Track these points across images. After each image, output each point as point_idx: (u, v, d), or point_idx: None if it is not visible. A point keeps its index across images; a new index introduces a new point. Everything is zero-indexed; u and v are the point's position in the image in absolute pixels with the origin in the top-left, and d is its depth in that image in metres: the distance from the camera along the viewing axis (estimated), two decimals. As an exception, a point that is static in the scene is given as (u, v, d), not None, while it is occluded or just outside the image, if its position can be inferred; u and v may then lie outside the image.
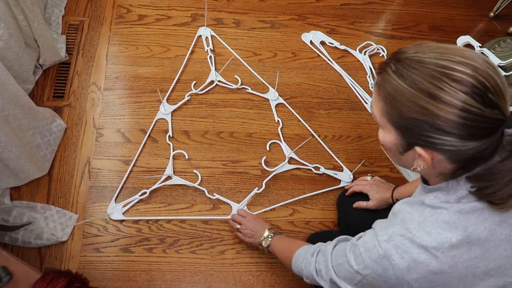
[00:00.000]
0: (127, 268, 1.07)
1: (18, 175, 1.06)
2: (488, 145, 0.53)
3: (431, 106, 0.52)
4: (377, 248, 0.61)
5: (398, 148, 0.60)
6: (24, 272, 0.85)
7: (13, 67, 1.12)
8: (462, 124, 0.51)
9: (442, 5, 1.69)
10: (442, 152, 0.55)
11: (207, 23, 1.49)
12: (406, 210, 0.63)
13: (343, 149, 1.31)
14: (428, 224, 0.58)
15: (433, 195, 0.61)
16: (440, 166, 0.58)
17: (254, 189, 1.20)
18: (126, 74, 1.35)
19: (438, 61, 0.52)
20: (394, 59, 0.57)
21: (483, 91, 0.50)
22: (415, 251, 0.57)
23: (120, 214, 1.12)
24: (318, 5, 1.60)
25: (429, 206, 0.60)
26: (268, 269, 1.11)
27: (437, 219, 0.58)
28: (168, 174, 1.17)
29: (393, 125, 0.58)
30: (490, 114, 0.50)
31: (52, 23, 1.39)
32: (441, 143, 0.53)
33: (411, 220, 0.60)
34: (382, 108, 0.59)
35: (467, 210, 0.57)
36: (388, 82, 0.56)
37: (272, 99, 1.35)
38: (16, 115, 1.03)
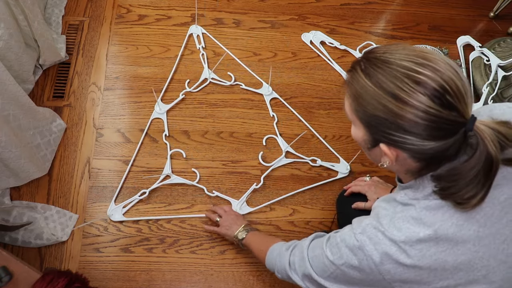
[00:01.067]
0: (127, 268, 1.07)
1: (18, 175, 1.06)
2: (448, 145, 0.55)
3: (393, 105, 0.54)
4: (352, 239, 0.63)
5: (367, 144, 0.64)
6: (24, 272, 0.85)
7: (13, 67, 1.12)
8: (421, 125, 0.53)
9: (442, 5, 1.69)
10: (405, 150, 0.58)
11: (206, 23, 1.49)
12: (382, 206, 0.66)
13: (343, 149, 1.31)
14: (398, 220, 0.61)
15: (403, 192, 0.64)
16: (405, 164, 0.61)
17: (253, 184, 1.20)
18: (126, 74, 1.35)
19: (402, 62, 0.55)
20: (364, 58, 0.60)
21: (442, 93, 0.52)
22: (387, 243, 0.60)
23: (121, 215, 1.12)
24: (318, 5, 1.60)
25: (400, 203, 0.63)
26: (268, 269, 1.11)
27: (405, 215, 0.61)
28: (167, 173, 1.17)
29: (360, 121, 0.61)
30: (448, 116, 0.52)
31: (52, 23, 1.39)
32: (402, 141, 0.56)
33: (384, 215, 0.63)
34: (350, 104, 0.62)
35: (433, 207, 0.59)
36: (356, 80, 0.59)
37: (266, 94, 1.35)
38: (16, 115, 1.03)
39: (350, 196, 1.11)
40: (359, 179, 1.15)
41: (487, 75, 1.42)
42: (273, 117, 1.31)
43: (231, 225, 1.04)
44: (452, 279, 0.60)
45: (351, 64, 0.63)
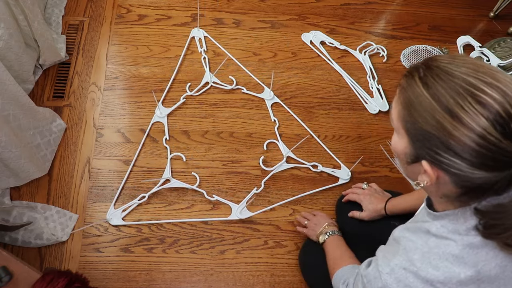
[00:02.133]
0: (127, 268, 1.07)
1: (18, 175, 1.06)
2: (499, 178, 0.48)
3: (448, 123, 0.48)
4: (377, 280, 0.59)
5: (407, 158, 0.57)
6: (24, 272, 0.85)
7: (13, 67, 1.12)
8: (475, 151, 0.47)
9: (442, 5, 1.69)
10: (448, 174, 0.51)
11: (206, 23, 1.49)
12: (408, 238, 0.60)
13: (343, 149, 1.31)
14: (434, 257, 0.55)
15: (439, 224, 0.58)
16: (444, 188, 0.55)
17: (254, 189, 1.20)
18: (126, 74, 1.35)
19: (468, 77, 0.48)
20: (424, 65, 0.54)
21: (507, 120, 0.46)
22: (419, 285, 0.54)
23: (120, 219, 1.11)
24: (318, 5, 1.60)
25: (434, 236, 0.57)
26: (268, 269, 1.11)
27: (444, 252, 0.55)
28: (167, 177, 1.17)
29: (406, 132, 0.55)
30: (508, 147, 0.46)
31: (52, 23, 1.39)
32: (449, 164, 0.50)
33: (414, 249, 0.57)
34: (399, 112, 0.55)
35: (477, 245, 0.53)
36: (411, 87, 0.53)
37: (267, 99, 1.35)
38: (16, 115, 1.03)
39: (348, 203, 1.11)
40: (357, 185, 1.15)
41: (487, 75, 1.42)
42: (274, 122, 1.31)
43: (316, 226, 1.05)
44: None
45: (408, 69, 0.57)
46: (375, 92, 1.42)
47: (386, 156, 1.31)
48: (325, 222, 1.03)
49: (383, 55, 1.51)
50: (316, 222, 1.06)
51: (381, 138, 1.34)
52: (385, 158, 1.31)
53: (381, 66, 1.50)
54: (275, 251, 1.13)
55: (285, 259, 1.12)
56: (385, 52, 1.51)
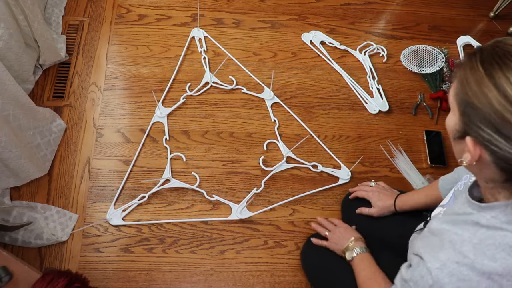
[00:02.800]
0: (127, 268, 1.07)
1: (18, 175, 1.06)
2: None
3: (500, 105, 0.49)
4: (426, 278, 0.56)
5: (455, 134, 0.57)
6: (24, 272, 0.85)
7: (13, 67, 1.12)
8: (507, 122, 0.48)
9: (442, 5, 1.69)
10: (491, 154, 0.51)
11: (206, 23, 1.49)
12: (451, 231, 0.59)
13: (343, 149, 1.31)
14: (489, 247, 0.53)
15: (489, 215, 0.56)
16: (487, 170, 0.55)
17: (254, 189, 1.20)
18: (126, 74, 1.35)
19: None
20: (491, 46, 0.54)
21: None
22: (474, 279, 0.53)
23: (120, 220, 1.11)
24: (318, 5, 1.60)
25: (485, 227, 0.56)
26: (268, 269, 1.11)
27: (500, 243, 0.53)
28: (167, 177, 1.17)
29: (458, 107, 0.55)
30: None
31: (52, 23, 1.39)
32: (487, 139, 0.51)
33: (461, 242, 0.56)
34: (454, 87, 0.56)
35: None
36: (470, 64, 0.53)
37: (267, 99, 1.35)
38: (16, 115, 1.03)
39: (355, 200, 1.11)
40: (364, 183, 1.15)
41: (487, 75, 1.42)
42: (274, 122, 1.31)
43: (339, 240, 0.98)
44: None
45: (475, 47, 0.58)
46: (375, 92, 1.42)
47: (386, 156, 1.31)
48: (351, 237, 0.97)
49: (383, 55, 1.51)
50: (339, 235, 1.00)
51: (381, 138, 1.34)
52: (385, 158, 1.31)
53: (381, 66, 1.50)
54: (275, 251, 1.13)
55: (285, 259, 1.12)
56: (385, 52, 1.51)
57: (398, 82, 1.47)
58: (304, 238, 1.12)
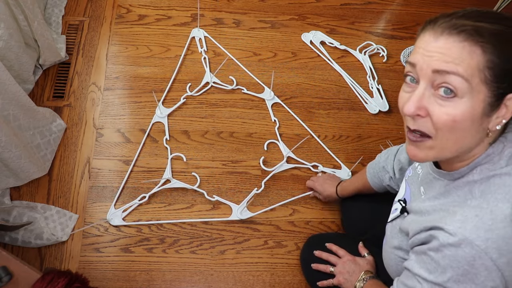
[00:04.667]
0: (127, 268, 1.07)
1: (18, 175, 1.06)
2: None
3: None
4: (450, 239, 0.52)
5: (486, 110, 0.51)
6: (24, 272, 0.85)
7: (13, 67, 1.12)
8: None
9: (442, 5, 1.69)
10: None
11: (206, 23, 1.49)
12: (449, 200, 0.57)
13: (343, 149, 1.31)
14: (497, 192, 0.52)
15: (476, 171, 0.55)
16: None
17: (254, 189, 1.20)
18: (126, 74, 1.35)
19: None
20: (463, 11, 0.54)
21: None
22: (500, 225, 0.50)
23: (120, 220, 1.11)
24: (318, 5, 1.60)
25: (478, 181, 0.54)
26: (268, 269, 1.11)
27: (504, 184, 0.52)
28: (167, 178, 1.17)
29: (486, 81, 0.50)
30: None
31: (52, 23, 1.39)
32: None
33: (465, 200, 0.54)
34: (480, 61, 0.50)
35: None
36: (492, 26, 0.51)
37: (268, 99, 1.35)
38: (16, 115, 1.03)
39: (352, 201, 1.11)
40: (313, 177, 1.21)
41: (487, 75, 1.43)
42: (275, 122, 1.31)
43: (349, 276, 0.91)
44: None
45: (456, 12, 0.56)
46: (375, 92, 1.42)
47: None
48: (361, 272, 0.90)
49: (383, 55, 1.51)
50: (349, 270, 0.92)
51: (381, 138, 1.34)
52: (385, 158, 1.31)
53: (381, 66, 1.50)
54: (275, 251, 1.13)
55: (285, 259, 1.12)
56: (385, 52, 1.51)
57: (398, 82, 1.47)
58: (304, 238, 1.12)
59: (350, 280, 0.91)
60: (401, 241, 0.71)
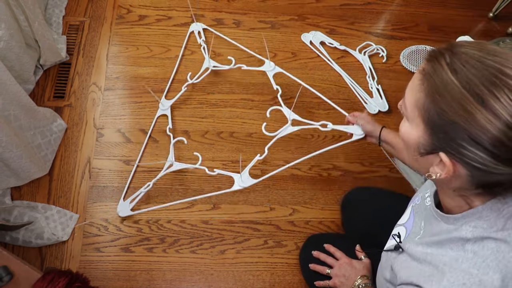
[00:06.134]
0: (127, 268, 1.07)
1: (18, 175, 1.06)
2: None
3: (479, 114, 0.45)
4: None
5: (420, 148, 0.53)
6: (24, 272, 0.85)
7: (14, 68, 1.12)
8: (504, 144, 0.45)
9: (441, 5, 1.69)
10: (468, 167, 0.48)
11: (206, 23, 1.49)
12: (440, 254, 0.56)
13: (343, 149, 1.31)
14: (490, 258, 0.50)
15: (470, 226, 0.53)
16: (458, 181, 0.52)
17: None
18: (126, 74, 1.35)
19: (503, 68, 0.45)
20: (450, 50, 0.50)
21: None
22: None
23: (128, 211, 1.12)
24: (318, 5, 1.61)
25: (471, 240, 0.52)
26: (268, 269, 1.11)
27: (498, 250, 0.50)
28: (170, 162, 1.17)
29: (424, 122, 0.51)
30: None
31: (53, 23, 1.39)
32: (472, 158, 0.47)
33: (456, 261, 0.52)
34: (419, 99, 0.51)
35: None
36: (439, 74, 0.49)
37: (269, 70, 1.33)
38: (17, 115, 1.03)
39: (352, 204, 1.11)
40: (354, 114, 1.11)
41: (487, 75, 1.43)
42: (277, 90, 1.27)
43: (345, 280, 0.91)
44: None
45: (430, 53, 0.53)
46: (374, 92, 1.43)
47: (386, 156, 1.31)
48: (357, 276, 0.90)
49: (383, 55, 1.52)
50: (345, 272, 0.93)
51: (381, 138, 1.35)
52: (385, 158, 1.31)
53: (380, 66, 1.51)
54: (275, 250, 1.14)
55: (285, 258, 1.13)
56: (384, 53, 1.52)
57: (397, 82, 1.47)
58: (304, 238, 1.13)
59: (345, 284, 0.90)
60: (393, 278, 0.69)
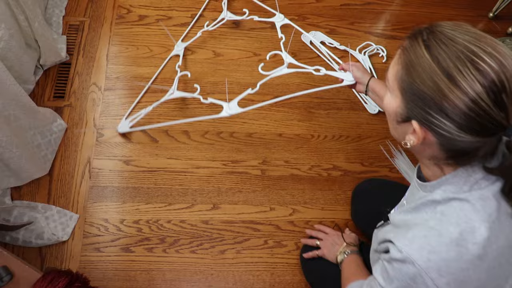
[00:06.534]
0: (127, 268, 1.07)
1: (19, 175, 1.06)
2: (482, 144, 0.53)
3: (445, 86, 0.51)
4: (398, 255, 0.57)
5: (397, 117, 0.60)
6: (24, 272, 0.85)
7: (14, 68, 1.12)
8: (466, 114, 0.50)
9: (441, 5, 1.69)
10: (436, 135, 0.55)
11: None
12: (414, 217, 0.61)
13: (343, 149, 1.31)
14: (453, 215, 0.56)
15: (441, 190, 0.59)
16: (430, 149, 0.58)
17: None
18: (126, 74, 1.35)
19: (470, 45, 0.51)
20: (428, 29, 0.56)
21: (500, 89, 0.49)
22: (443, 248, 0.54)
23: (127, 128, 1.19)
24: (318, 5, 1.61)
25: (441, 202, 0.58)
26: (268, 269, 1.11)
27: (461, 209, 0.56)
28: (172, 91, 1.18)
29: (401, 92, 0.58)
30: (496, 115, 0.50)
31: (53, 23, 1.39)
32: (438, 125, 0.53)
33: (426, 220, 0.58)
34: (397, 71, 0.58)
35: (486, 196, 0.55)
36: (413, 49, 0.55)
37: (278, 21, 1.40)
38: (17, 115, 1.03)
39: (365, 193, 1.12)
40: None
41: (487, 75, 1.43)
42: (281, 38, 1.30)
43: (332, 247, 0.99)
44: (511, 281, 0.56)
45: (412, 31, 0.58)
46: (374, 92, 1.42)
47: (386, 156, 1.31)
48: (343, 243, 0.98)
49: (383, 55, 1.52)
50: (332, 242, 1.01)
51: (381, 138, 1.35)
52: (385, 158, 1.31)
53: (380, 66, 1.51)
54: (275, 250, 1.14)
55: (285, 258, 1.13)
56: (384, 53, 1.52)
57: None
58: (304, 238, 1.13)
59: (332, 251, 0.98)
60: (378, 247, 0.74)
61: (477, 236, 0.54)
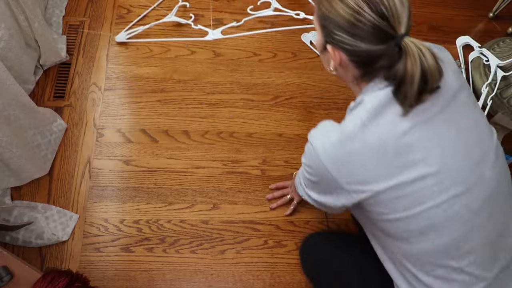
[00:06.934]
0: (127, 268, 1.07)
1: (18, 175, 1.06)
2: (379, 53, 0.62)
3: (335, 3, 0.63)
4: (308, 146, 0.73)
5: (320, 47, 0.71)
6: (24, 272, 0.85)
7: (14, 68, 1.12)
8: (351, 23, 0.61)
9: (441, 5, 1.69)
10: (345, 52, 0.65)
11: (206, 23, 1.49)
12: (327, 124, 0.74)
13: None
14: (349, 118, 0.68)
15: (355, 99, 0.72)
16: (350, 72, 0.69)
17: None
18: (126, 74, 1.35)
19: None
20: None
21: (378, 2, 0.60)
22: (333, 136, 0.67)
23: (124, 39, 1.26)
24: (318, 5, 1.61)
25: (354, 108, 0.70)
26: (268, 269, 1.11)
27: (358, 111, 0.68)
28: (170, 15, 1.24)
29: (319, 24, 0.69)
30: (379, 24, 0.60)
31: (53, 23, 1.39)
32: (341, 41, 0.64)
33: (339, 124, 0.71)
34: (316, 9, 0.69)
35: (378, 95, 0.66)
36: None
37: None
38: (17, 115, 1.03)
39: None
40: None
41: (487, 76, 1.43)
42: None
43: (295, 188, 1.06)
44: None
45: None
46: (374, 92, 1.42)
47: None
48: None
49: (383, 55, 1.51)
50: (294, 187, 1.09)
51: (381, 138, 1.35)
52: (385, 158, 1.31)
53: (380, 66, 1.50)
54: (275, 250, 1.14)
55: (285, 258, 1.13)
56: (384, 52, 1.51)
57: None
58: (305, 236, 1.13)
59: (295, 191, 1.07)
60: None
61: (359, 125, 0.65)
